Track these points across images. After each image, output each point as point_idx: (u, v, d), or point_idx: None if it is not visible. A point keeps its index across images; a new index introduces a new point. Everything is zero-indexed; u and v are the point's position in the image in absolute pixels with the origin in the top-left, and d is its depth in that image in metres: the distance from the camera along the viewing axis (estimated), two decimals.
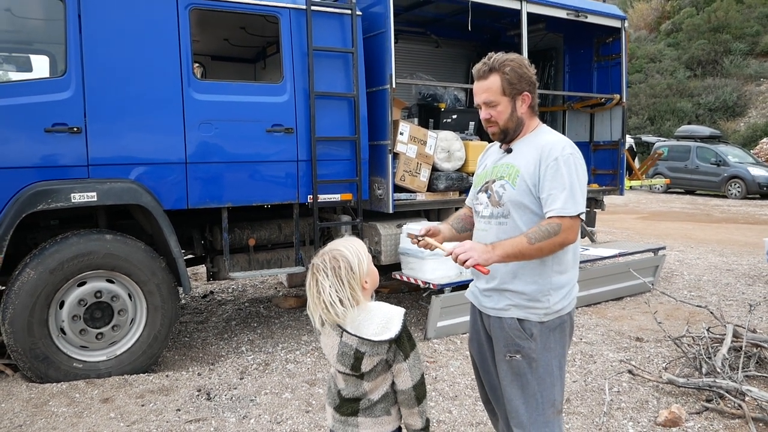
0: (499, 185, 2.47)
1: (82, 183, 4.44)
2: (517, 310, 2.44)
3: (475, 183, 2.68)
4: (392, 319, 2.03)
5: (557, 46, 8.48)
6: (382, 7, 5.65)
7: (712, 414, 3.91)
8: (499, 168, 2.52)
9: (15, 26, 4.82)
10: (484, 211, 2.53)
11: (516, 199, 2.42)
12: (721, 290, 7.33)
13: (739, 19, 28.61)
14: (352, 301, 2.00)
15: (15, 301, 4.22)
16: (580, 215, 2.35)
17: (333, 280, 1.99)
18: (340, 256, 2.02)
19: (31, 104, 4.30)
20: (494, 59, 2.43)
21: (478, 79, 2.48)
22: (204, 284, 7.70)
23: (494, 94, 2.44)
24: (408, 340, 2.04)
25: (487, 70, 2.44)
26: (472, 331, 2.72)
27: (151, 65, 4.67)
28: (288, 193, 5.30)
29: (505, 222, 2.45)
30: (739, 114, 25.66)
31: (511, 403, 2.46)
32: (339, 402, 2.12)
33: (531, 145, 2.47)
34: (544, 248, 2.31)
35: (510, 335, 2.43)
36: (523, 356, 2.42)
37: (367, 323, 2.01)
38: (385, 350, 2.00)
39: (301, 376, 4.61)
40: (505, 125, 2.48)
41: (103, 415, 3.88)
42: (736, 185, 19.33)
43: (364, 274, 2.04)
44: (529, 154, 2.44)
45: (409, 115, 7.42)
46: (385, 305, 2.10)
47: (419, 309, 6.41)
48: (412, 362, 2.03)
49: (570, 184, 2.34)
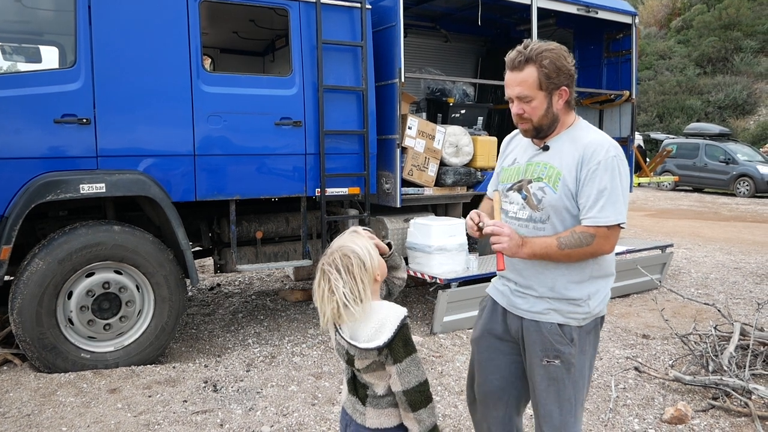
0: (537, 188, 2.29)
1: (91, 174, 4.46)
2: (558, 315, 2.31)
3: (503, 177, 2.47)
4: (386, 324, 1.94)
5: (567, 42, 8.41)
6: (392, 1, 5.64)
7: (718, 412, 3.90)
8: (536, 167, 2.33)
9: (25, 17, 4.83)
10: (520, 212, 2.36)
11: (557, 204, 2.26)
12: (728, 288, 7.30)
13: (750, 16, 28.42)
14: (365, 300, 1.95)
15: (24, 291, 4.24)
16: (620, 225, 2.20)
17: (347, 278, 1.93)
18: (351, 253, 1.96)
19: (40, 95, 4.32)
20: (531, 48, 2.20)
21: (512, 69, 2.24)
22: (211, 276, 7.72)
23: (529, 88, 2.22)
24: (403, 346, 1.94)
25: (522, 61, 2.20)
26: (484, 328, 2.54)
27: (161, 57, 4.67)
28: (296, 187, 5.30)
29: (542, 227, 2.30)
30: (749, 112, 25.51)
31: (545, 407, 2.35)
32: (349, 378, 2.13)
33: (571, 143, 2.29)
34: (572, 255, 2.21)
35: (549, 340, 2.30)
36: (563, 361, 2.30)
37: (363, 325, 1.96)
38: (375, 355, 1.94)
39: (308, 369, 4.62)
40: (539, 122, 2.28)
41: (111, 406, 3.90)
42: (745, 183, 19.23)
43: (375, 268, 2.00)
44: (569, 155, 2.26)
45: (417, 110, 7.40)
46: (385, 306, 2.02)
47: (426, 303, 6.41)
48: (403, 367, 1.94)
49: (611, 189, 2.18)
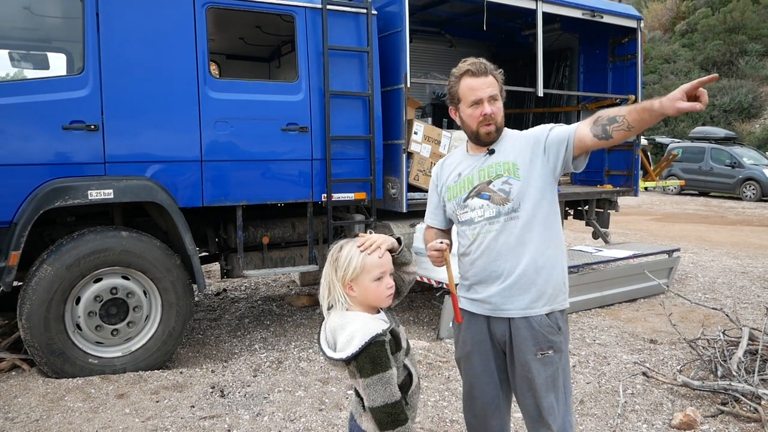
0: (501, 182, 2.45)
1: (99, 180, 4.48)
2: (545, 305, 2.44)
3: (452, 193, 2.58)
4: (354, 338, 1.92)
5: (572, 46, 8.44)
6: (398, 7, 5.65)
7: (727, 417, 3.88)
8: (489, 169, 2.49)
9: (33, 24, 4.87)
10: (486, 212, 2.46)
11: (524, 189, 2.42)
12: (736, 293, 7.28)
13: (755, 19, 28.35)
14: (325, 295, 2.05)
15: (32, 296, 4.26)
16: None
17: (326, 266, 2.08)
18: (339, 250, 2.06)
19: (49, 102, 4.34)
20: (483, 63, 2.46)
21: (478, 75, 2.44)
22: (217, 282, 7.74)
23: (497, 90, 2.46)
24: (370, 363, 1.91)
25: (483, 69, 2.45)
26: (469, 346, 2.57)
27: (168, 63, 4.70)
28: (302, 192, 5.31)
29: (516, 216, 2.42)
30: (755, 115, 25.45)
31: (547, 400, 2.43)
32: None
33: (511, 142, 2.52)
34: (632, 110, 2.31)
35: (541, 332, 2.42)
36: (555, 350, 2.44)
37: (340, 332, 1.98)
38: (342, 365, 1.96)
39: (314, 375, 4.62)
40: (500, 124, 2.49)
41: (118, 411, 3.91)
42: (751, 187, 19.16)
43: (347, 277, 2.02)
44: (515, 148, 2.49)
45: (422, 115, 7.42)
46: (361, 320, 2.00)
47: (432, 309, 6.40)
48: (368, 383, 1.92)
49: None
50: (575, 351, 5.12)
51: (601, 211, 7.91)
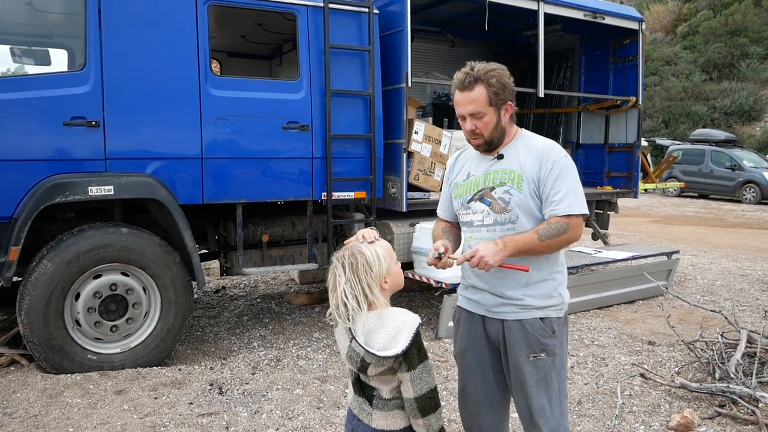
0: (503, 191, 2.45)
1: (100, 176, 4.48)
2: (538, 311, 2.45)
3: (459, 192, 2.62)
4: (402, 331, 1.97)
5: (574, 47, 8.44)
6: (400, 6, 5.64)
7: (725, 419, 3.89)
8: (495, 175, 2.49)
9: (35, 20, 4.87)
10: (486, 219, 2.49)
11: (524, 203, 2.43)
12: (734, 295, 7.28)
13: (757, 22, 28.32)
14: (362, 301, 1.98)
15: (32, 292, 4.26)
16: (584, 214, 2.44)
17: (349, 276, 2.00)
18: (359, 254, 2.03)
19: (50, 98, 4.34)
20: (478, 69, 2.40)
21: (462, 89, 2.42)
22: (216, 279, 7.74)
23: (481, 105, 2.40)
24: (417, 353, 1.99)
25: (472, 81, 2.39)
26: (465, 342, 2.63)
27: (170, 61, 4.70)
28: (302, 190, 5.32)
29: (512, 228, 2.43)
30: (755, 118, 25.42)
31: (538, 402, 2.45)
32: (354, 379, 2.14)
33: (524, 149, 2.49)
34: (552, 245, 2.39)
35: (534, 335, 2.43)
36: (548, 354, 2.44)
37: (378, 331, 1.99)
38: (390, 362, 1.97)
39: (313, 373, 4.62)
40: (490, 136, 2.47)
41: (117, 407, 3.92)
42: (751, 190, 19.16)
43: (383, 272, 2.04)
44: (525, 158, 2.46)
45: (423, 114, 7.42)
46: (400, 313, 2.05)
47: (431, 308, 6.41)
48: (417, 374, 1.98)
49: (572, 185, 2.42)
50: (573, 352, 5.12)
51: (600, 212, 7.92)
